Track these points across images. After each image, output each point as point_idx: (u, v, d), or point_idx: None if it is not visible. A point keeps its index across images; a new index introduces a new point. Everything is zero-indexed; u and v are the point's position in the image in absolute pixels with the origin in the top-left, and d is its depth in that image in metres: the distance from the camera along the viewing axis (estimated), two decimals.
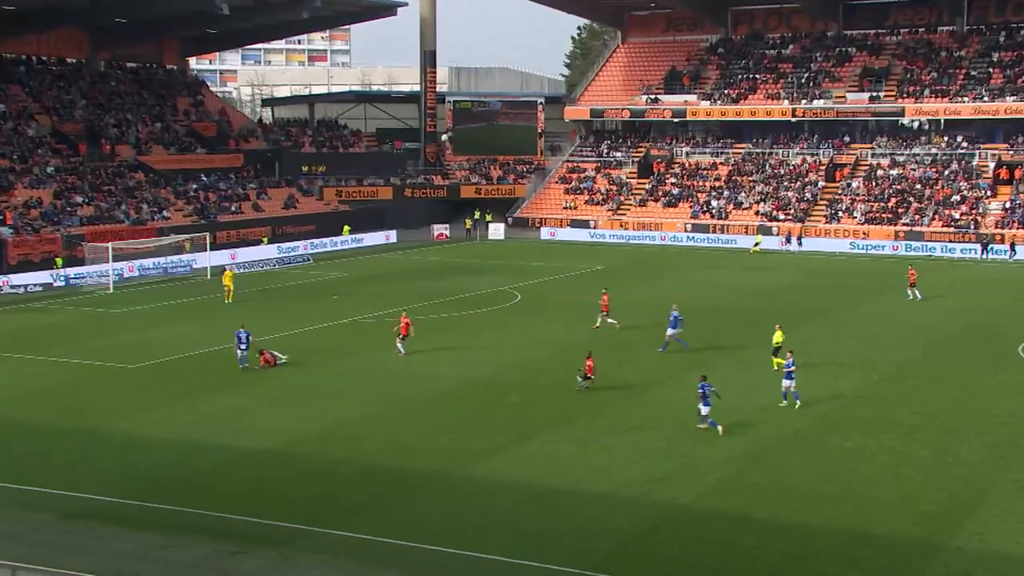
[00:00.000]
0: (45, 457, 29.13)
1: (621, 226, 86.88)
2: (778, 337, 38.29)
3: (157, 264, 65.23)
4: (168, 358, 40.98)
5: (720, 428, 30.13)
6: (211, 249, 67.10)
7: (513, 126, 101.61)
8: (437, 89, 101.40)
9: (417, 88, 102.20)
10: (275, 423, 31.98)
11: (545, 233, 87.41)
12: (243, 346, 38.33)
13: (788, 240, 78.39)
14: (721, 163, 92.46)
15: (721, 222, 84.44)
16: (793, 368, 33.34)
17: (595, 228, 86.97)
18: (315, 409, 33.57)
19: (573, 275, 64.62)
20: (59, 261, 63.21)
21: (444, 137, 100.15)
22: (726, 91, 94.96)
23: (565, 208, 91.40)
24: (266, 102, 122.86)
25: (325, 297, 56.39)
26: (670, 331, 41.68)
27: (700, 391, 30.61)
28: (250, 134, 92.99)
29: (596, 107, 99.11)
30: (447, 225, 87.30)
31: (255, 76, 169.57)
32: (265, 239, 76.28)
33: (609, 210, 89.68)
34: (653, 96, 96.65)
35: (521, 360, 40.40)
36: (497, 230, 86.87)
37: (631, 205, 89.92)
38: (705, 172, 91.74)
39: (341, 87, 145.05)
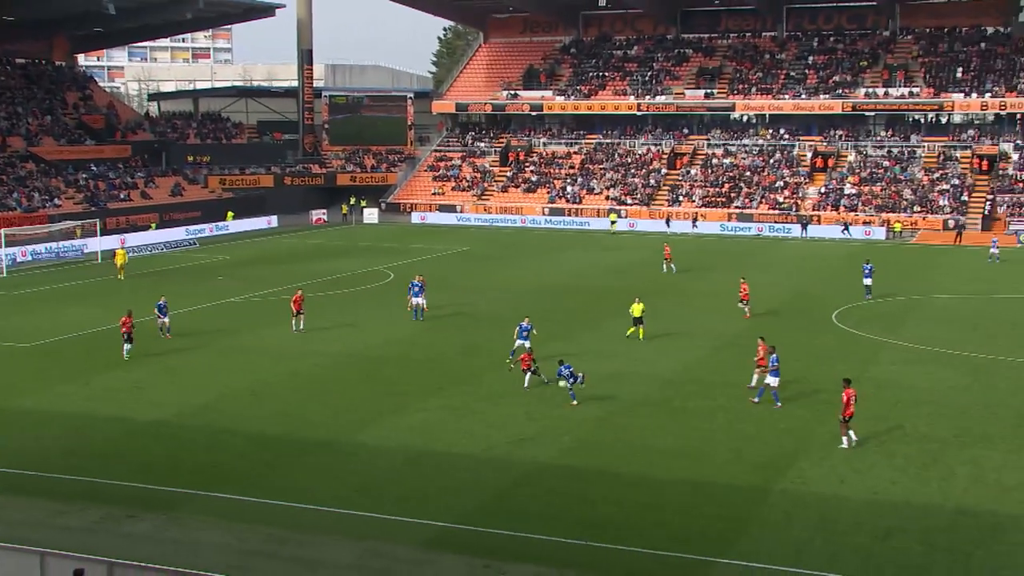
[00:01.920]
0: None
1: (485, 210, 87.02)
2: (637, 309, 38.62)
3: (49, 249, 62.86)
4: (62, 337, 39.57)
5: (575, 402, 29.71)
6: (101, 234, 65.05)
7: (385, 119, 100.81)
8: (314, 85, 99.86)
9: (295, 84, 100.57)
10: (165, 397, 31.15)
11: (416, 217, 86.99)
12: (164, 316, 38.75)
13: (668, 223, 78.98)
14: (575, 152, 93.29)
15: (576, 206, 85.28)
16: (532, 330, 34.68)
17: (461, 212, 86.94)
18: (203, 383, 32.82)
19: (441, 255, 64.52)
20: None
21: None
22: (579, 87, 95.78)
23: (434, 194, 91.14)
24: (152, 96, 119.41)
25: (211, 278, 55.13)
26: (416, 299, 42.31)
27: (564, 372, 29.74)
28: (137, 126, 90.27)
29: (461, 101, 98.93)
30: (325, 211, 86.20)
31: (142, 72, 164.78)
32: (153, 225, 74.27)
33: (474, 196, 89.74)
34: (513, 92, 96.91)
35: (395, 335, 40.12)
36: (371, 215, 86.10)
37: (494, 191, 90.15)
38: (560, 161, 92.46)
39: (224, 83, 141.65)
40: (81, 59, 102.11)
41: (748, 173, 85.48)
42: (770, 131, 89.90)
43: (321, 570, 19.77)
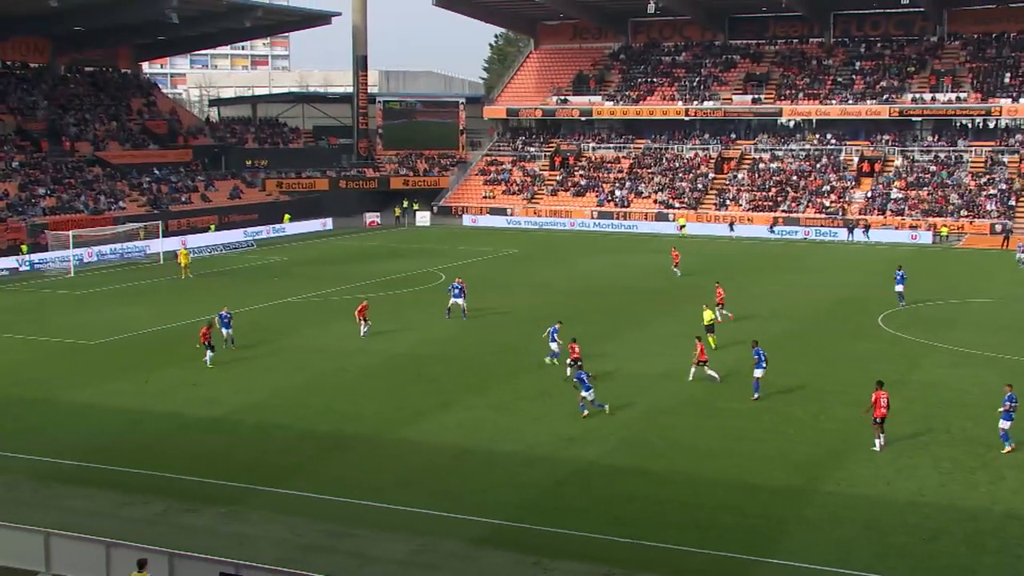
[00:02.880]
0: (14, 424, 28.39)
1: (535, 213, 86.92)
2: (708, 316, 37.81)
3: (114, 250, 63.77)
4: (123, 335, 40.08)
5: (607, 408, 28.79)
6: (163, 236, 65.84)
7: (437, 124, 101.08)
8: (368, 90, 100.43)
9: (350, 89, 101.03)
10: (219, 394, 31.43)
11: (467, 220, 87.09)
12: (227, 328, 37.12)
13: (732, 227, 78.56)
14: (623, 157, 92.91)
15: (624, 209, 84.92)
16: (555, 333, 34.38)
17: (512, 215, 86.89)
18: (256, 381, 33.07)
19: (491, 258, 64.52)
20: (24, 248, 61.61)
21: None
22: (627, 93, 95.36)
23: (485, 197, 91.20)
24: (213, 102, 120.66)
25: (267, 279, 55.59)
26: (454, 300, 42.59)
27: (577, 379, 28.95)
28: (198, 131, 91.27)
29: (512, 107, 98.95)
30: (378, 213, 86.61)
31: (202, 79, 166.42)
32: (212, 227, 75.04)
33: (524, 199, 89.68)
34: (563, 97, 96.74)
35: (441, 334, 40.15)
36: (423, 217, 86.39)
37: (544, 194, 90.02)
38: (609, 165, 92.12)
39: (281, 89, 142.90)
40: (145, 67, 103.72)
41: (795, 177, 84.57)
42: (817, 136, 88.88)
43: (375, 565, 19.80)
